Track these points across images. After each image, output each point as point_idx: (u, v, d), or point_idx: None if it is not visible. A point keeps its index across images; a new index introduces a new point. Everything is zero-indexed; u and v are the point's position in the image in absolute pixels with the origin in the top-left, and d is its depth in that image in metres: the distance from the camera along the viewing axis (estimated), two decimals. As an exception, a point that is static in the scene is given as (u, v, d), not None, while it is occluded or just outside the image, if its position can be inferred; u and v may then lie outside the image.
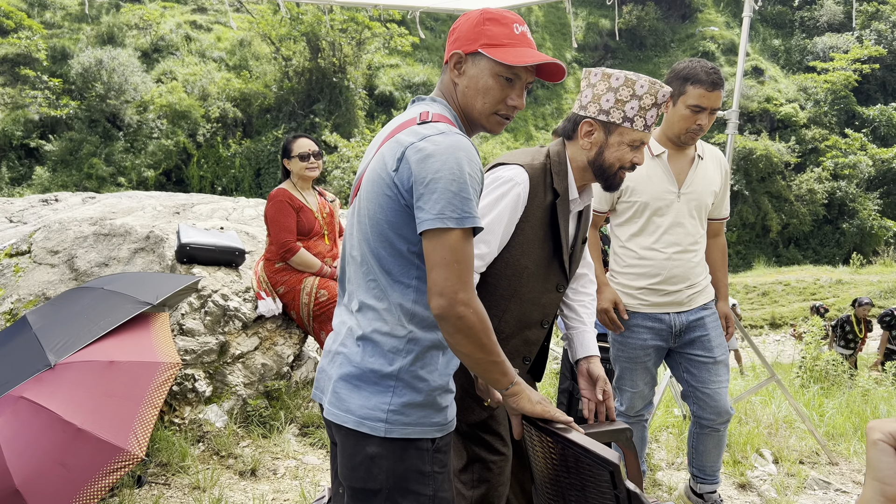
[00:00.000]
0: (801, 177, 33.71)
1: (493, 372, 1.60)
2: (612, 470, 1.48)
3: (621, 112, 2.08)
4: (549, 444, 1.68)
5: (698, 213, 2.92)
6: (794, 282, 21.52)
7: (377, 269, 1.63)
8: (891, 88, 38.51)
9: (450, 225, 1.51)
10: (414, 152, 1.55)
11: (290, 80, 27.80)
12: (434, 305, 1.52)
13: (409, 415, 1.59)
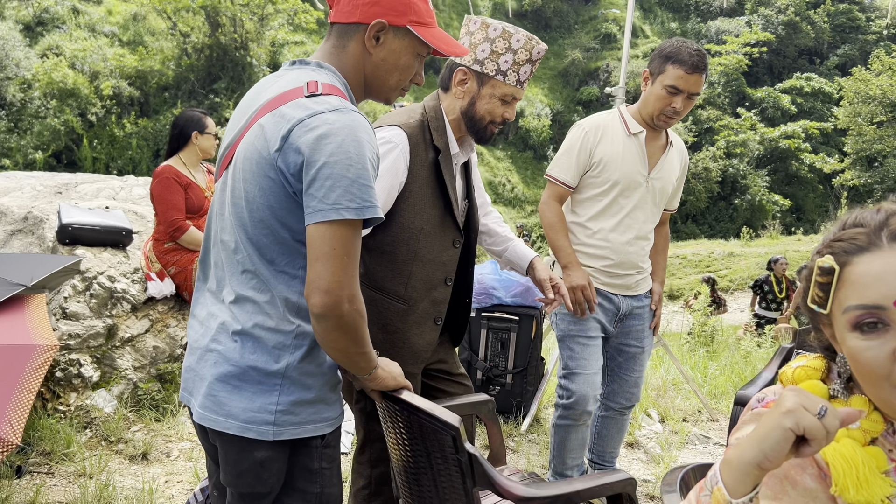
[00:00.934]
0: (697, 155, 35.26)
1: (360, 362, 1.51)
2: (454, 434, 1.49)
3: (495, 64, 2.06)
4: (397, 416, 1.70)
5: (660, 200, 2.84)
6: (691, 255, 22.56)
7: (257, 259, 1.47)
8: (777, 71, 40.75)
9: (347, 216, 1.36)
10: (304, 131, 1.38)
11: (189, 57, 26.73)
12: (315, 302, 1.37)
13: (299, 413, 1.47)
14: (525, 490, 1.47)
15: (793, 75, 39.60)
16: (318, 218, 1.36)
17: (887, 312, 0.91)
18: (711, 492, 0.87)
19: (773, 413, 0.85)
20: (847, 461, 0.93)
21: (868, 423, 0.97)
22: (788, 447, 0.82)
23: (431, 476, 1.64)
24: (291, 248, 1.46)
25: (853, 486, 0.92)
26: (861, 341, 0.93)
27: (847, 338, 0.96)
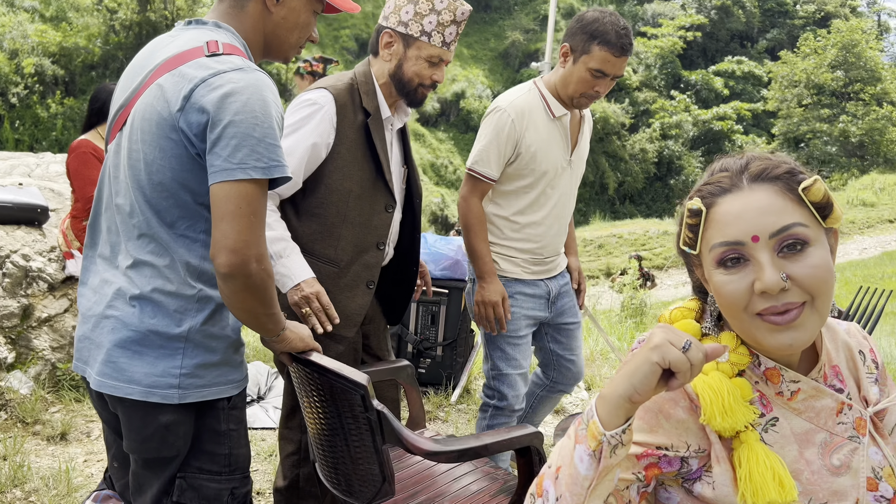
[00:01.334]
0: (634, 137, 35.99)
1: (267, 323, 1.50)
2: (362, 392, 1.50)
3: (419, 25, 2.06)
4: (308, 379, 1.69)
5: (578, 180, 2.69)
6: (627, 234, 23.04)
7: (156, 222, 1.43)
8: (710, 54, 41.79)
9: (253, 175, 1.34)
10: (207, 91, 1.35)
11: (117, 35, 25.76)
12: (222, 262, 1.34)
13: (204, 376, 1.46)
14: (432, 445, 1.49)
15: (725, 58, 40.68)
16: (223, 177, 1.33)
17: (746, 248, 0.97)
18: (587, 425, 0.91)
19: (642, 349, 0.89)
20: (714, 391, 0.98)
21: (736, 356, 1.03)
22: (656, 380, 0.87)
23: (343, 436, 1.64)
24: (192, 210, 1.44)
25: (719, 414, 0.97)
26: (724, 276, 0.99)
27: (713, 274, 1.01)
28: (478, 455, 1.51)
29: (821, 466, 1.02)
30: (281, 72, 30.76)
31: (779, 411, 1.04)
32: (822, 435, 1.04)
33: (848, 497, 1.02)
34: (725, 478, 1.00)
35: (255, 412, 3.73)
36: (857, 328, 1.21)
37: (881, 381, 1.15)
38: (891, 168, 25.81)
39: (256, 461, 3.19)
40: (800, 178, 1.00)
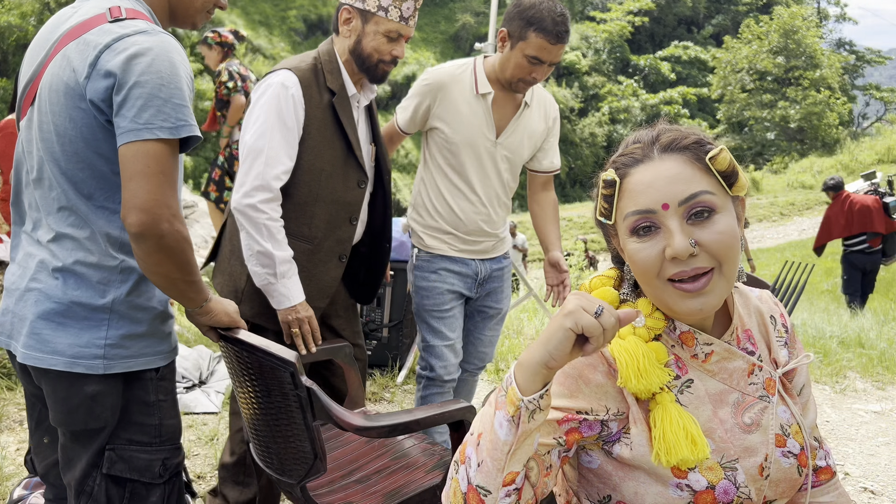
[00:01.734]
0: (583, 121, 36.37)
1: (190, 291, 1.48)
2: (291, 370, 1.51)
3: (376, 0, 2.07)
4: (237, 357, 1.69)
5: (512, 165, 2.63)
6: (576, 217, 23.35)
7: (73, 195, 1.43)
8: (658, 39, 42.41)
9: (161, 136, 1.34)
10: (112, 55, 1.34)
11: (52, 12, 24.79)
12: (133, 221, 1.33)
13: (130, 347, 1.46)
14: (362, 420, 1.50)
15: (672, 43, 41.34)
16: (130, 138, 1.33)
17: (657, 216, 1.01)
18: (506, 392, 0.94)
19: (556, 316, 0.92)
20: (630, 355, 1.02)
21: (652, 321, 1.07)
22: (570, 346, 0.90)
23: (274, 414, 1.64)
24: (110, 181, 1.43)
25: (634, 377, 1.02)
26: (637, 244, 1.03)
27: (627, 242, 1.05)
28: (409, 429, 1.53)
29: (733, 425, 1.08)
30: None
31: (694, 373, 1.09)
32: (735, 395, 1.10)
33: (758, 453, 1.07)
34: (642, 438, 1.04)
35: (197, 396, 3.69)
36: (769, 295, 1.27)
37: (790, 344, 1.21)
38: (829, 152, 26.68)
39: (198, 445, 3.16)
40: (707, 147, 1.04)
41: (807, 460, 1.11)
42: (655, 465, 1.03)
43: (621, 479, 1.07)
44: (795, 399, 1.17)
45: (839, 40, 38.82)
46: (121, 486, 1.49)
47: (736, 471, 1.05)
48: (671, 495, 1.03)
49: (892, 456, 3.54)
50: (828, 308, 7.59)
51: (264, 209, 1.99)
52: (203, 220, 8.39)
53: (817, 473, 1.21)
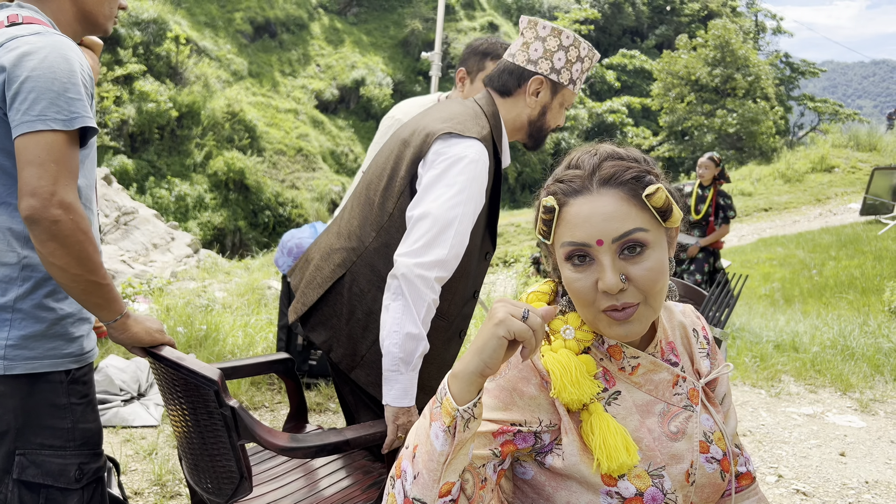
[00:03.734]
0: (531, 127, 36.74)
1: (96, 295, 1.43)
2: (215, 388, 1.47)
3: (569, 73, 1.92)
4: (163, 373, 1.64)
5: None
6: (525, 223, 23.56)
7: None
8: (604, 48, 43.15)
9: (54, 126, 1.35)
10: (4, 53, 1.37)
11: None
12: (24, 206, 1.32)
13: (34, 348, 1.43)
14: (287, 441, 1.47)
15: (618, 52, 42.17)
16: (23, 129, 1.34)
17: (592, 249, 1.05)
18: (441, 402, 0.96)
19: (486, 325, 0.95)
20: (562, 366, 1.06)
21: (581, 333, 1.11)
22: (503, 353, 0.93)
23: (200, 433, 1.59)
24: (10, 175, 1.43)
25: (570, 385, 1.05)
26: (572, 272, 1.07)
27: (563, 267, 1.09)
28: (338, 450, 1.50)
29: (660, 434, 1.12)
30: (171, 53, 29.49)
31: (621, 385, 1.13)
32: (661, 405, 1.14)
33: (684, 459, 1.12)
34: (573, 448, 1.08)
35: (136, 409, 3.57)
36: (692, 309, 1.33)
37: (712, 355, 1.27)
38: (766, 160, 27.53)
39: (136, 460, 3.06)
40: (645, 181, 1.07)
41: (729, 465, 1.16)
42: (594, 472, 1.06)
43: (554, 489, 1.10)
44: (718, 408, 1.23)
45: (775, 52, 40.16)
46: (34, 491, 1.44)
47: (663, 478, 1.09)
48: (601, 503, 1.06)
49: (822, 458, 3.65)
50: (765, 313, 7.82)
51: (436, 288, 1.73)
52: (143, 226, 8.16)
53: (739, 479, 1.26)
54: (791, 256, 13.20)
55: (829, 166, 23.88)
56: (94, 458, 1.53)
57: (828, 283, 10.42)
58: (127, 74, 27.85)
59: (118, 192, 8.21)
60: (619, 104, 36.96)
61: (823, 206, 20.33)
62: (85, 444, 1.51)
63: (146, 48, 28.63)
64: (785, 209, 20.95)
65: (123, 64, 28.15)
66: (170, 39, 29.29)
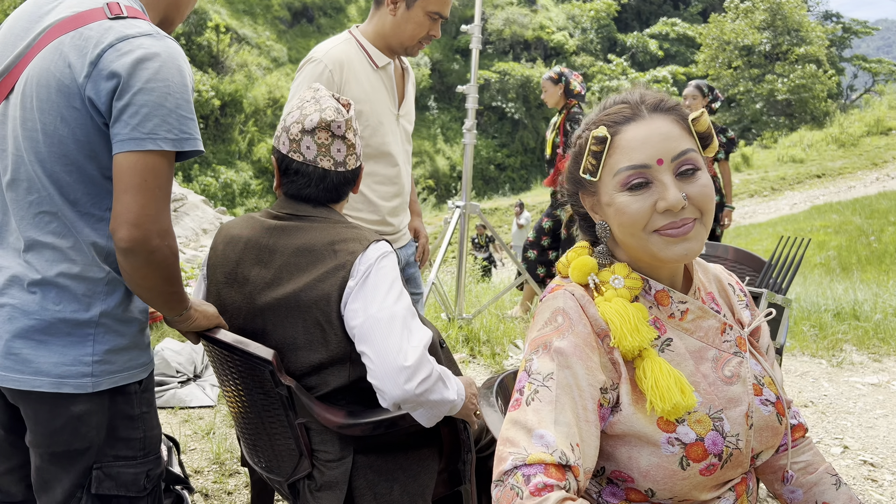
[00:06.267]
0: (572, 101, 36.18)
1: (171, 301, 1.43)
2: (270, 368, 1.46)
3: None
4: (218, 356, 1.64)
5: (409, 138, 2.52)
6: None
7: (58, 199, 1.33)
8: (645, 17, 42.21)
9: (164, 147, 1.27)
10: (116, 56, 1.27)
11: None
12: (123, 236, 1.27)
13: (115, 361, 1.39)
14: (345, 418, 1.45)
15: (659, 20, 41.16)
16: (130, 147, 1.26)
17: (651, 171, 1.06)
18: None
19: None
20: (620, 315, 1.07)
21: (630, 281, 1.13)
22: None
23: (257, 413, 1.59)
24: (99, 186, 1.35)
25: (629, 333, 1.06)
26: (629, 197, 1.08)
27: (616, 197, 1.09)
28: (394, 425, 1.48)
29: (715, 378, 1.12)
30: (212, 42, 29.82)
31: (672, 332, 1.13)
32: (713, 351, 1.14)
33: (742, 402, 1.12)
34: (628, 399, 1.07)
35: (192, 390, 3.64)
36: (722, 268, 1.37)
37: (751, 307, 1.29)
38: (818, 125, 26.66)
39: (194, 440, 3.12)
40: (685, 111, 1.13)
41: (784, 409, 1.17)
42: (648, 416, 1.05)
43: (613, 447, 1.09)
44: (764, 356, 1.23)
45: (826, 12, 38.70)
46: (106, 503, 1.43)
47: (722, 421, 1.08)
48: (663, 453, 1.05)
49: (890, 428, 3.53)
50: (821, 282, 7.59)
51: None
52: (192, 212, 8.31)
53: (792, 431, 1.27)
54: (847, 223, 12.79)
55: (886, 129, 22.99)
56: (157, 463, 1.52)
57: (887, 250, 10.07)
58: (170, 65, 28.21)
59: (167, 180, 8.41)
60: (662, 73, 36.11)
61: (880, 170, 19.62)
62: (152, 451, 1.50)
63: (188, 38, 29.00)
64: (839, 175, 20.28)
65: (166, 55, 28.51)
66: (210, 29, 29.63)
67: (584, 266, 1.14)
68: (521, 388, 1.04)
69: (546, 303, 1.13)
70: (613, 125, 1.10)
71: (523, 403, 1.01)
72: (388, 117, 2.35)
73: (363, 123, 2.26)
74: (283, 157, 1.63)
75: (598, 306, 1.09)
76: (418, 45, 2.33)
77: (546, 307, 1.12)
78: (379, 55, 2.33)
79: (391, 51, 2.35)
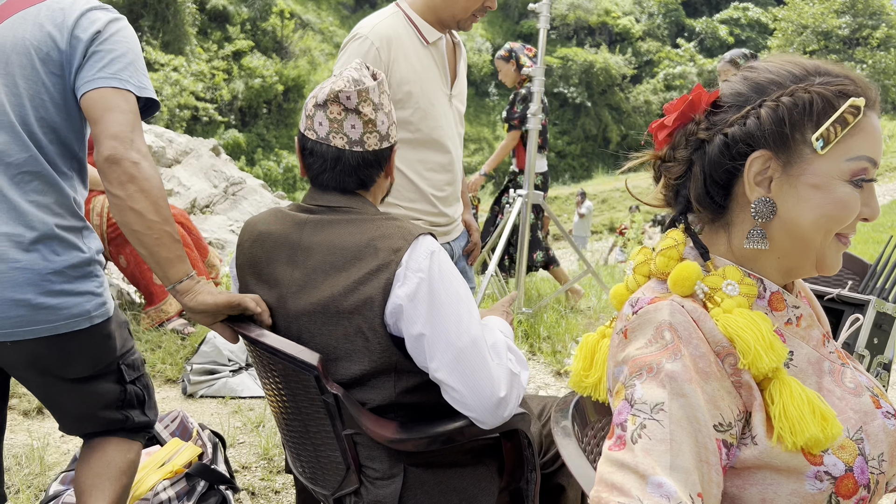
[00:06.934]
0: (637, 88, 35.35)
1: (167, 248, 1.44)
2: (316, 374, 1.31)
3: None
4: (258, 355, 1.51)
5: (462, 120, 2.31)
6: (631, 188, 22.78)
7: (41, 160, 1.44)
8: (715, 1, 40.78)
9: (130, 89, 1.44)
10: (88, 22, 1.46)
11: (107, -6, 25.21)
12: (106, 147, 1.38)
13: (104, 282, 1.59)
14: (397, 431, 1.31)
15: (730, 5, 39.70)
16: (102, 83, 1.41)
17: (871, 171, 0.92)
18: None
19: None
20: (751, 330, 0.87)
21: (745, 288, 0.94)
22: None
23: (302, 420, 1.46)
24: (69, 147, 1.51)
25: (765, 352, 0.86)
26: (852, 191, 0.91)
27: (837, 185, 0.90)
28: (451, 440, 1.33)
29: (842, 392, 0.94)
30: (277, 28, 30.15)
31: (790, 342, 0.95)
32: (826, 362, 0.96)
33: (875, 415, 0.92)
34: (763, 428, 0.87)
35: (244, 380, 3.57)
36: None
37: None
38: (899, 114, 25.29)
39: (243, 432, 3.04)
40: None
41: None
42: (781, 451, 0.85)
43: (740, 488, 0.88)
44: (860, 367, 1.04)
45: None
46: (136, 384, 1.67)
47: (863, 442, 0.89)
48: (808, 490, 0.85)
49: None
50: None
51: None
52: (251, 196, 8.33)
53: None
54: (933, 219, 12.04)
55: (975, 119, 21.63)
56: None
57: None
58: (236, 51, 28.75)
59: (226, 162, 8.41)
60: (732, 60, 34.82)
61: (967, 163, 18.45)
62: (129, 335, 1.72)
63: (253, 24, 29.40)
64: (922, 167, 19.19)
65: (232, 41, 29.06)
66: (275, 14, 29.95)
67: (689, 275, 0.93)
68: (622, 422, 0.83)
69: (645, 316, 0.92)
70: (869, 102, 0.92)
71: (628, 441, 0.80)
72: (440, 98, 2.15)
73: (412, 106, 2.07)
74: (301, 137, 1.48)
75: (715, 319, 0.89)
76: (472, 17, 2.12)
77: (646, 321, 0.91)
78: (429, 29, 2.12)
79: (442, 24, 2.14)
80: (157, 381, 3.59)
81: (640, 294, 0.97)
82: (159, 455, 2.06)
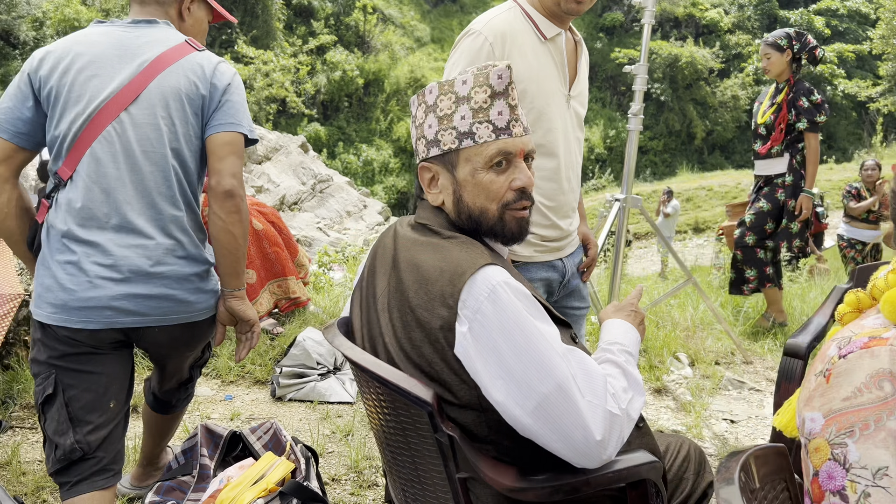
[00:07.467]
0: (725, 83, 34.03)
1: (240, 264, 1.88)
2: (429, 410, 1.20)
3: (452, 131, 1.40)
4: (362, 378, 1.41)
5: (581, 123, 2.16)
6: (717, 186, 21.91)
7: (175, 185, 1.83)
8: (812, -9, 38.79)
9: (243, 132, 1.86)
10: (220, 76, 1.86)
11: None
12: (227, 183, 1.78)
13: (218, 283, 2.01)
14: (517, 480, 1.19)
15: (828, -5, 37.68)
16: (227, 128, 1.84)
17: None
18: None
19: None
20: None
21: None
22: None
23: (409, 455, 1.36)
24: (199, 174, 1.92)
25: None
26: None
27: None
28: (576, 491, 1.20)
29: None
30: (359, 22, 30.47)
31: None
32: None
33: None
34: None
35: (332, 384, 3.51)
36: None
37: None
38: None
39: (332, 441, 2.98)
40: None
41: None
42: None
43: None
44: None
45: None
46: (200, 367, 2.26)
47: None
48: None
49: None
50: None
51: None
52: (337, 194, 8.38)
53: None
54: None
55: None
56: None
57: None
58: (320, 45, 29.24)
59: (314, 159, 8.47)
60: (827, 54, 33.09)
61: None
62: None
63: (336, 19, 29.80)
64: None
65: (316, 35, 29.57)
66: (358, 9, 30.27)
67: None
68: (839, 489, 0.72)
69: (857, 361, 0.80)
70: None
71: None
72: (557, 98, 2.02)
73: (527, 106, 1.94)
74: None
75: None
76: (576, 2, 1.96)
77: (857, 367, 0.79)
78: (548, 25, 2.00)
79: (553, 15, 2.01)
80: (246, 382, 3.58)
81: (849, 333, 0.83)
82: (253, 470, 2.02)
